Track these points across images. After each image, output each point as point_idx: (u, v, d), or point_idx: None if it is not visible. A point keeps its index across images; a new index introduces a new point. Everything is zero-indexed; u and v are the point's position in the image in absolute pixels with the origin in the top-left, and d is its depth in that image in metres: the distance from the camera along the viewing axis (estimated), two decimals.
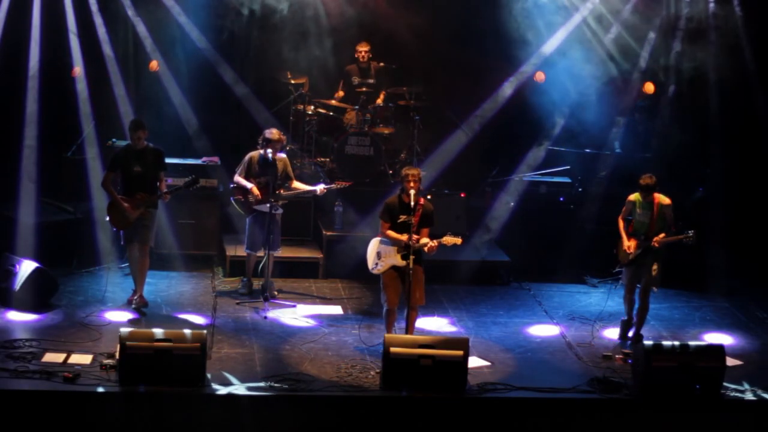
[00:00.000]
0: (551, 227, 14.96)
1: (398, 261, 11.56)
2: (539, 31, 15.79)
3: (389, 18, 15.93)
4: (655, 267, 12.20)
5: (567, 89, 15.84)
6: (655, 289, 12.35)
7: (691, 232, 12.06)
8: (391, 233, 11.57)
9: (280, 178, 13.01)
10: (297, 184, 13.21)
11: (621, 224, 12.44)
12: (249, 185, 12.99)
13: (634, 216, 12.37)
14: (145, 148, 12.38)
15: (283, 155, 13.20)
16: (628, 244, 12.30)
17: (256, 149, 13.09)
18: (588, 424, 10.84)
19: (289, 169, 13.18)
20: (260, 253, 13.20)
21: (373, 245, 11.78)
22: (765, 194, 15.45)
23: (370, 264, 11.78)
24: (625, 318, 12.56)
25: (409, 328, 11.49)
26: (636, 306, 12.39)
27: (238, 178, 13.10)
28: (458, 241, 11.64)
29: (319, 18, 15.88)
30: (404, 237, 11.48)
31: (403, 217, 11.52)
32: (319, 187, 13.21)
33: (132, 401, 10.28)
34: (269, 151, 12.90)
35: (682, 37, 15.67)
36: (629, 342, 12.32)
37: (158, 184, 12.49)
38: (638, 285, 12.35)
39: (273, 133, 12.98)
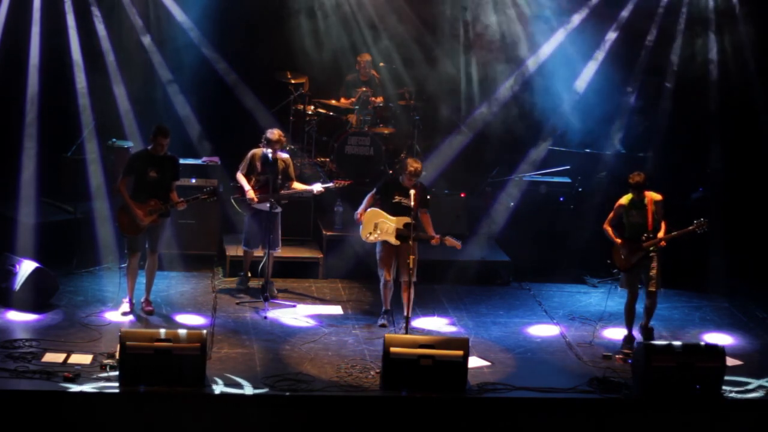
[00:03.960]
0: (551, 227, 14.96)
1: (392, 240, 12.22)
2: (539, 31, 15.80)
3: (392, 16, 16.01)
4: (655, 266, 12.09)
5: (567, 89, 15.83)
6: (660, 289, 12.24)
7: (703, 219, 11.99)
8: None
9: (281, 178, 13.02)
10: (296, 185, 13.22)
11: (610, 231, 12.19)
12: (246, 187, 12.99)
13: (626, 219, 12.13)
14: (164, 155, 12.26)
15: (285, 155, 13.22)
16: (626, 250, 12.10)
17: (259, 147, 13.11)
18: (588, 424, 10.84)
19: (291, 169, 13.20)
20: (258, 252, 13.23)
21: (372, 214, 12.32)
22: (765, 194, 15.44)
23: (365, 231, 12.38)
24: (627, 333, 12.30)
25: (409, 304, 11.99)
26: (639, 312, 12.30)
27: (240, 176, 13.11)
28: (457, 245, 12.18)
29: (320, 17, 15.91)
30: (394, 220, 12.16)
31: (399, 198, 12.17)
32: (316, 187, 13.25)
33: (132, 401, 10.29)
34: (269, 150, 12.93)
35: (682, 36, 15.67)
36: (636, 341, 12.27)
37: (170, 193, 12.33)
38: (640, 287, 12.23)
39: (274, 133, 13.00)
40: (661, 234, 12.05)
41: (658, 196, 12.09)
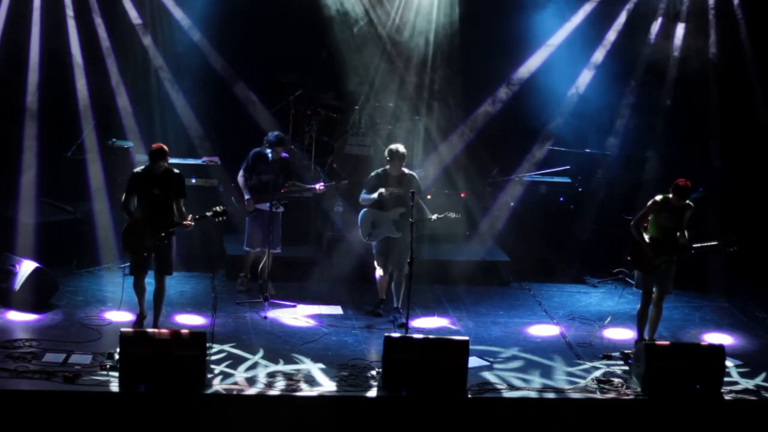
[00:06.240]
0: (551, 227, 14.96)
1: (393, 232, 12.57)
2: (538, 31, 15.79)
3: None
4: (673, 271, 11.91)
5: (566, 89, 15.82)
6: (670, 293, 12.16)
7: (734, 238, 11.88)
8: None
9: (282, 177, 13.05)
10: (298, 184, 13.39)
11: (641, 230, 11.89)
12: (246, 196, 13.04)
13: (655, 220, 11.86)
14: (165, 171, 11.68)
15: (285, 155, 13.26)
16: (652, 251, 11.80)
17: (260, 147, 13.16)
18: (588, 424, 10.84)
19: (292, 168, 13.35)
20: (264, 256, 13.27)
21: (367, 214, 12.67)
22: (765, 194, 15.44)
23: (364, 232, 12.70)
24: (638, 338, 12.05)
25: (399, 296, 12.64)
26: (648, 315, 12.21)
27: (241, 180, 13.17)
28: (456, 216, 13.19)
29: (320, 18, 15.91)
30: (389, 213, 12.48)
31: (390, 189, 12.57)
32: (318, 185, 13.41)
33: (132, 401, 10.29)
34: (269, 151, 12.98)
35: (682, 34, 15.66)
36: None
37: (177, 211, 11.73)
38: (653, 289, 12.04)
39: (276, 135, 13.09)
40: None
41: (691, 204, 11.84)
